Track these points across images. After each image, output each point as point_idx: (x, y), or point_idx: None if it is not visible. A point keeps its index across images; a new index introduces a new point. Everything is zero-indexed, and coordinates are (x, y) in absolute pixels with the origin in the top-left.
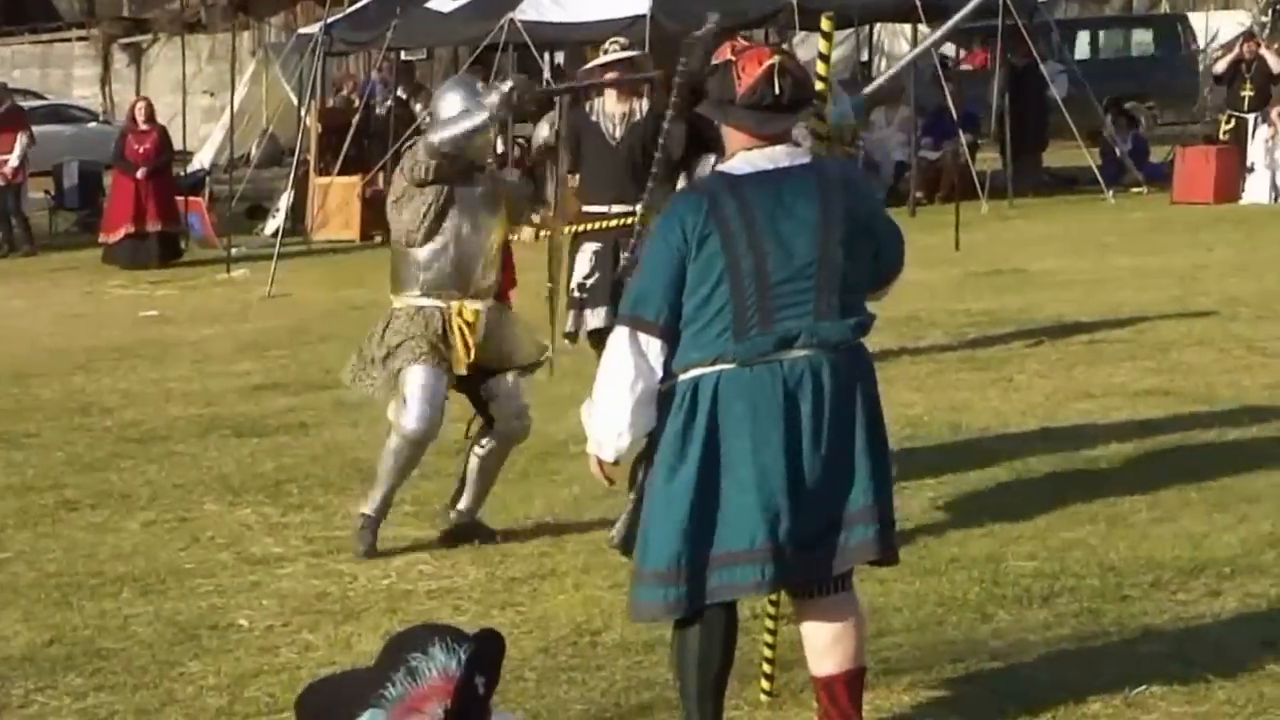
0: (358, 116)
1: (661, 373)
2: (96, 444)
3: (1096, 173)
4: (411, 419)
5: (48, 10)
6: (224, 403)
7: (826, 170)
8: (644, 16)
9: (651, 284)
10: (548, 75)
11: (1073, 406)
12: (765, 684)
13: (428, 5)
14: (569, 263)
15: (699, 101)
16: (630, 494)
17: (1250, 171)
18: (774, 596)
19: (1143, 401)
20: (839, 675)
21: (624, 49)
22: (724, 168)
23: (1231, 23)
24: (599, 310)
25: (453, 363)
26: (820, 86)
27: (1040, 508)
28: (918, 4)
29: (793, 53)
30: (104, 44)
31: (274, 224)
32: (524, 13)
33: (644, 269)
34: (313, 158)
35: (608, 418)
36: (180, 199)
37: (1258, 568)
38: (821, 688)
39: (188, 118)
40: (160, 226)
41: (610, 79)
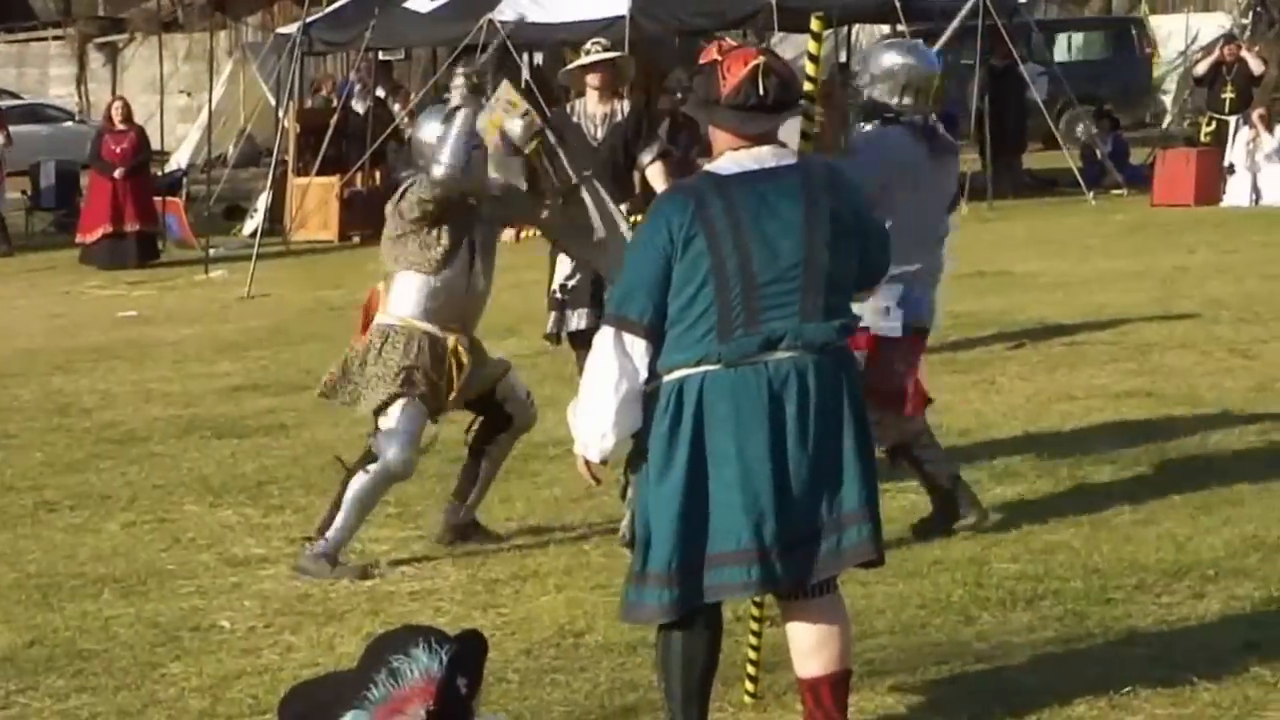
0: (335, 117)
1: (647, 373)
2: (76, 445)
3: (1077, 175)
4: (402, 454)
5: (23, 9)
6: (204, 404)
7: (812, 170)
8: (623, 17)
9: (637, 284)
10: (526, 76)
11: (1054, 409)
12: (750, 686)
13: (406, 5)
14: (550, 263)
15: None
16: (625, 497)
17: (1231, 174)
18: (758, 599)
19: (1125, 404)
20: (824, 677)
21: (605, 50)
22: (710, 168)
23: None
24: (580, 311)
25: (438, 397)
26: (809, 87)
27: (1023, 510)
28: (897, 5)
29: (776, 53)
30: (80, 43)
31: (252, 224)
32: (502, 13)
33: (629, 269)
34: (291, 158)
35: (592, 418)
36: (157, 199)
37: (1242, 570)
38: (807, 690)
39: (165, 118)
40: (138, 227)
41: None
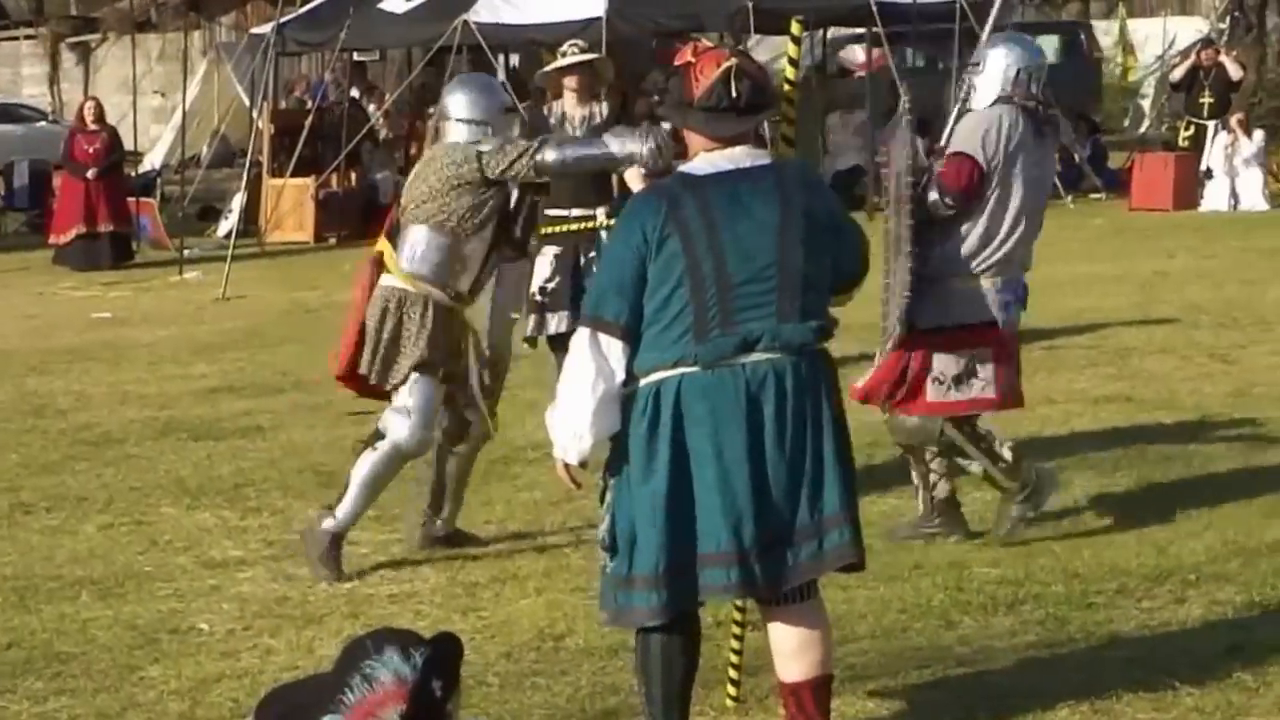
0: (310, 118)
1: (623, 374)
2: (51, 446)
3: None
4: (417, 432)
5: None
6: (180, 405)
7: (786, 170)
8: (600, 19)
9: (612, 285)
10: (502, 78)
11: (1034, 413)
12: (732, 690)
13: (380, 6)
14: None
15: None
16: (604, 500)
17: (1209, 179)
18: (740, 603)
19: (1104, 408)
20: (806, 682)
21: (583, 52)
22: (685, 169)
23: (1189, 29)
24: (560, 315)
25: (453, 375)
26: (788, 90)
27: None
28: (873, 8)
29: (750, 55)
30: (52, 43)
31: (227, 225)
32: (478, 14)
33: (604, 270)
34: (265, 159)
35: (569, 420)
36: (131, 200)
37: (1223, 575)
38: (788, 694)
39: (138, 118)
40: (112, 227)
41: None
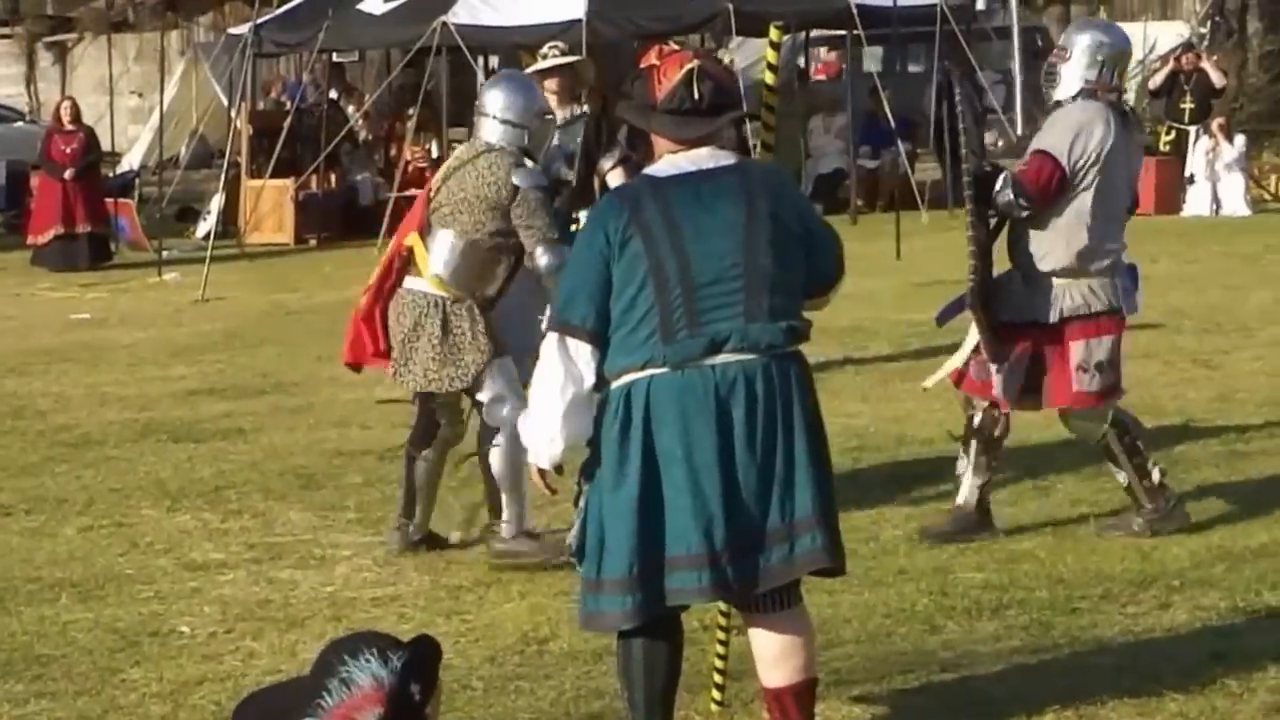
0: (289, 119)
1: (593, 378)
2: (30, 448)
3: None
4: (520, 405)
5: None
6: (159, 407)
7: (751, 171)
8: (580, 21)
9: (577, 289)
10: (481, 80)
11: (1016, 417)
12: (716, 694)
13: (359, 7)
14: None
15: None
16: (578, 505)
17: (1191, 183)
18: (724, 607)
19: None
20: (788, 687)
21: (563, 54)
22: (648, 171)
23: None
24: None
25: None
26: (767, 97)
27: None
28: (854, 11)
29: (715, 57)
30: (28, 42)
31: (205, 227)
32: (456, 15)
33: (569, 274)
34: (244, 160)
35: (540, 424)
36: (109, 201)
37: (1207, 580)
38: (772, 700)
39: (115, 118)
40: (90, 228)
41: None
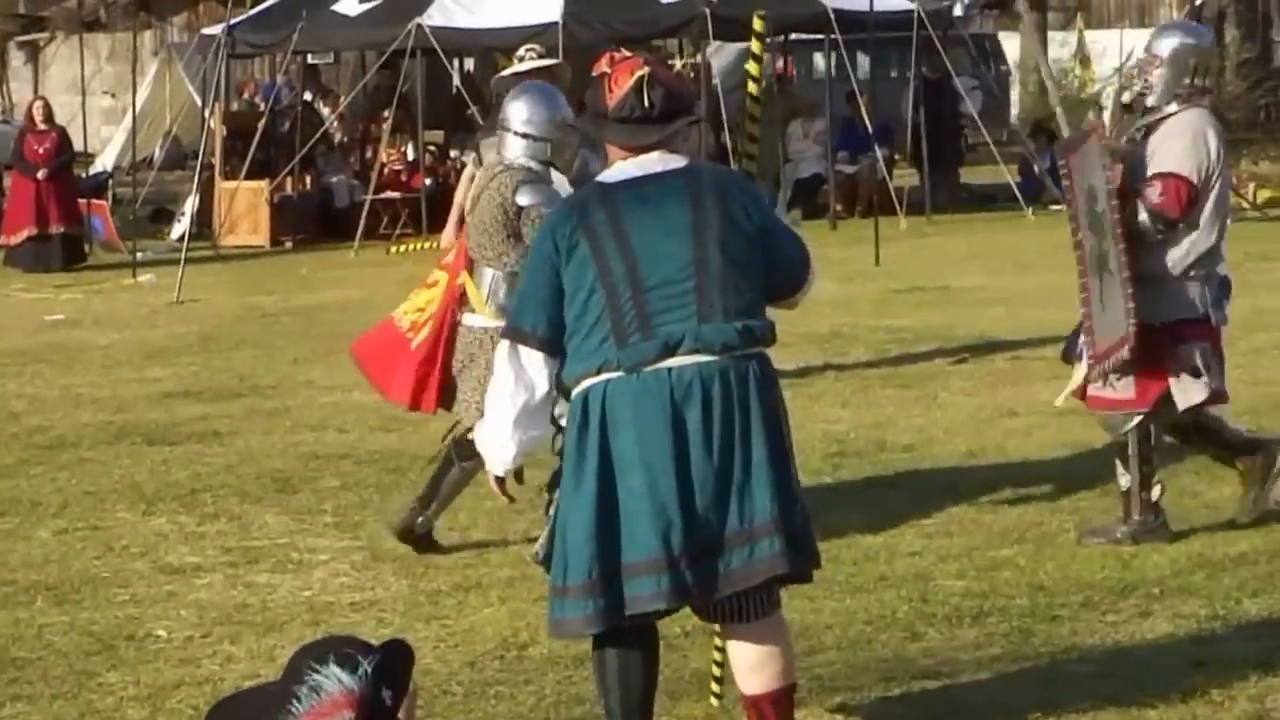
0: (263, 120)
1: (547, 385)
2: (4, 450)
3: (1015, 190)
4: None
5: None
6: (134, 410)
7: (700, 173)
8: (556, 24)
9: (528, 296)
10: (457, 82)
11: (998, 425)
12: (715, 687)
13: (334, 8)
14: None
15: None
16: (548, 512)
17: None
18: None
19: (1067, 420)
20: (766, 694)
21: (540, 57)
22: (600, 178)
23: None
24: None
25: None
26: (752, 88)
27: (968, 526)
28: (831, 15)
29: (666, 62)
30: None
31: (180, 228)
32: (431, 18)
33: (522, 282)
34: (218, 161)
35: (493, 431)
36: (82, 202)
37: (1187, 589)
38: (750, 706)
39: (88, 119)
40: (63, 229)
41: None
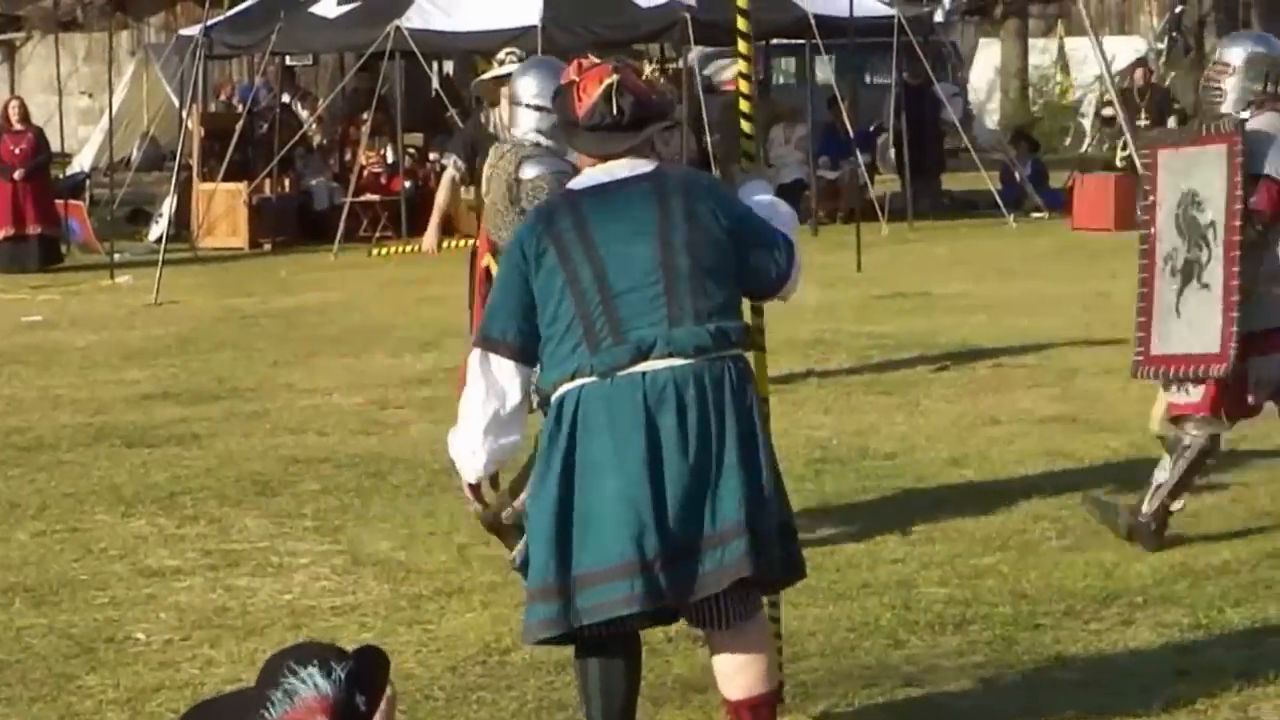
0: (241, 122)
1: (519, 393)
2: None
3: (996, 197)
4: None
5: None
6: (113, 411)
7: (666, 176)
8: (535, 28)
9: (499, 304)
10: (436, 85)
11: (979, 432)
12: None
13: (312, 10)
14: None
15: None
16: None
17: None
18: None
19: (1049, 429)
20: (745, 701)
21: (520, 60)
22: (569, 185)
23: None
24: None
25: None
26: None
27: (950, 534)
28: (812, 21)
29: (636, 68)
30: None
31: (157, 230)
32: (410, 20)
33: (494, 291)
34: (195, 163)
35: (463, 437)
36: (59, 202)
37: (1170, 598)
38: (730, 712)
39: (65, 119)
40: (40, 229)
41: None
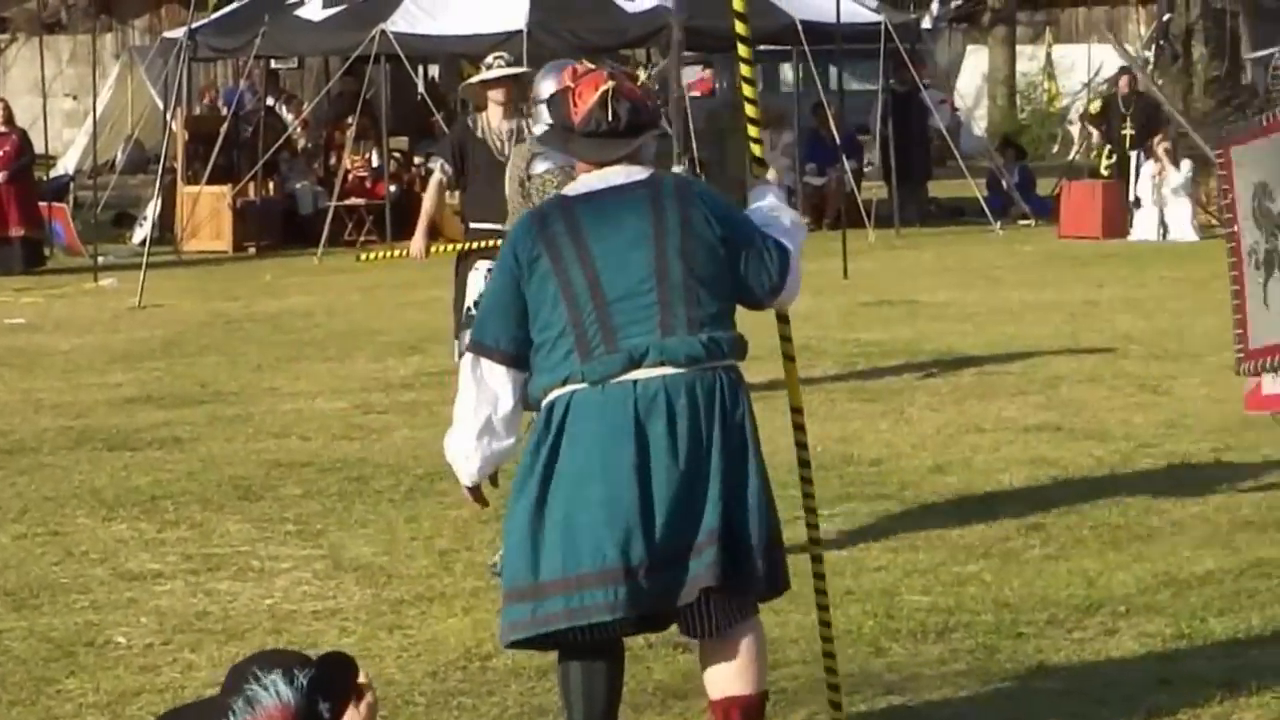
0: (226, 125)
1: (511, 399)
2: None
3: (983, 204)
4: None
5: None
6: (95, 415)
7: (661, 182)
8: (520, 32)
9: (490, 310)
10: (422, 89)
11: (964, 440)
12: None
13: (297, 13)
14: (461, 282)
15: None
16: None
17: (1137, 208)
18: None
19: (1034, 437)
20: (735, 699)
21: (508, 64)
22: (563, 192)
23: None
24: None
25: None
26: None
27: (934, 542)
28: (799, 28)
29: (630, 74)
30: None
31: (142, 233)
32: (395, 24)
33: (485, 296)
34: (180, 166)
35: (457, 442)
36: (43, 205)
37: (1153, 607)
38: (718, 713)
39: (49, 121)
40: (23, 232)
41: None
